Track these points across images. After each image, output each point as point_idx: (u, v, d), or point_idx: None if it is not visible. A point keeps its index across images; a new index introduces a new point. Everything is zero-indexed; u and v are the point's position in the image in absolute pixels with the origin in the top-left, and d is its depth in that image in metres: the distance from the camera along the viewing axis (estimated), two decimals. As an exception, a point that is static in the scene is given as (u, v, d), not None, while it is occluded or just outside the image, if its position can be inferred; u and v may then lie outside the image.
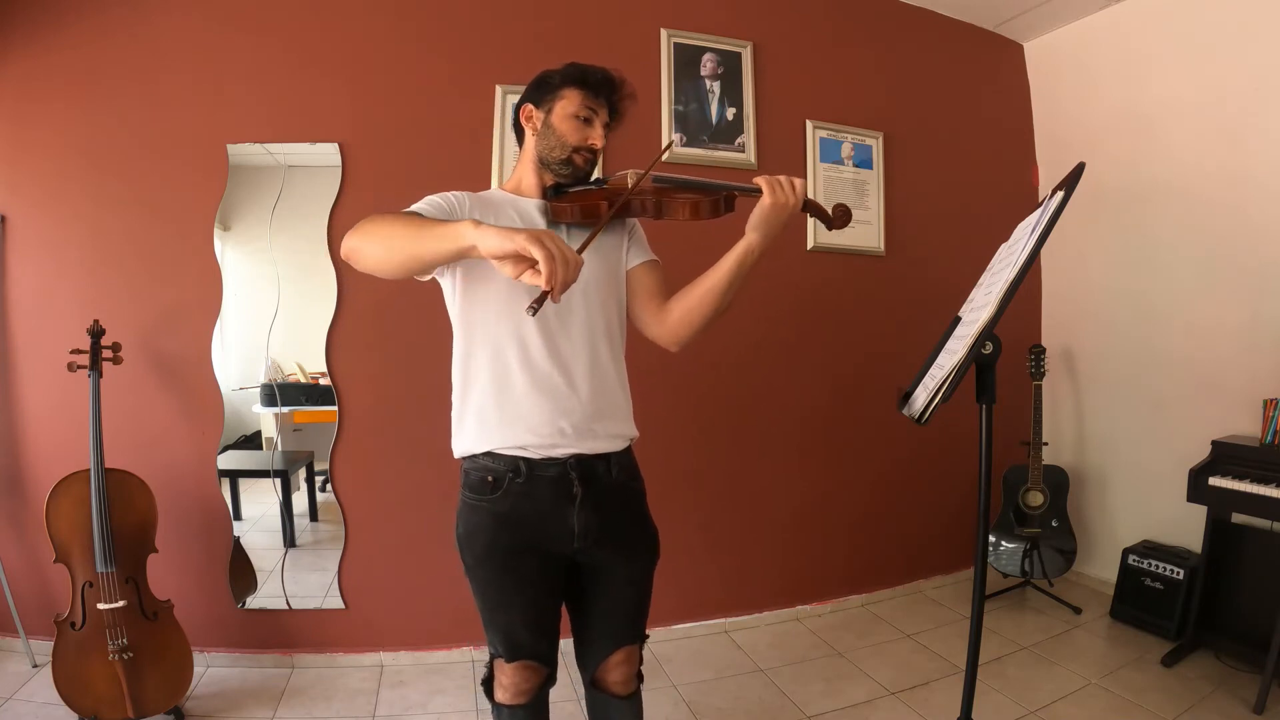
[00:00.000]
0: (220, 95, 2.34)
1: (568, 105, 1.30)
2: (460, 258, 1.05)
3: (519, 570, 1.28)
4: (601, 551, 1.31)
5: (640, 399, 1.41)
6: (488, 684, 1.39)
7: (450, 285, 1.30)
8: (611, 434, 1.31)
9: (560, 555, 1.29)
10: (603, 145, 1.33)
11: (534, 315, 0.99)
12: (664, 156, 1.28)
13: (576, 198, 1.31)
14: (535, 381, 1.25)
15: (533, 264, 0.96)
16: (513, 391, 1.25)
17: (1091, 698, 2.22)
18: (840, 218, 1.36)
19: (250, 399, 2.48)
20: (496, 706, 1.37)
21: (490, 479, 1.26)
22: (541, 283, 0.95)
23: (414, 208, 1.21)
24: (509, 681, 1.33)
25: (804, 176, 2.87)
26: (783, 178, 1.28)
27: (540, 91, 1.34)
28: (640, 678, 1.43)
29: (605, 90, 1.32)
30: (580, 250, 1.03)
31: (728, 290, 1.30)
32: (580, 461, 1.27)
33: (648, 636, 1.43)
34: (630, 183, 1.29)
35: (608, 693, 1.40)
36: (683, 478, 2.72)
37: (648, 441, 2.53)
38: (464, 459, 1.32)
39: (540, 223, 1.31)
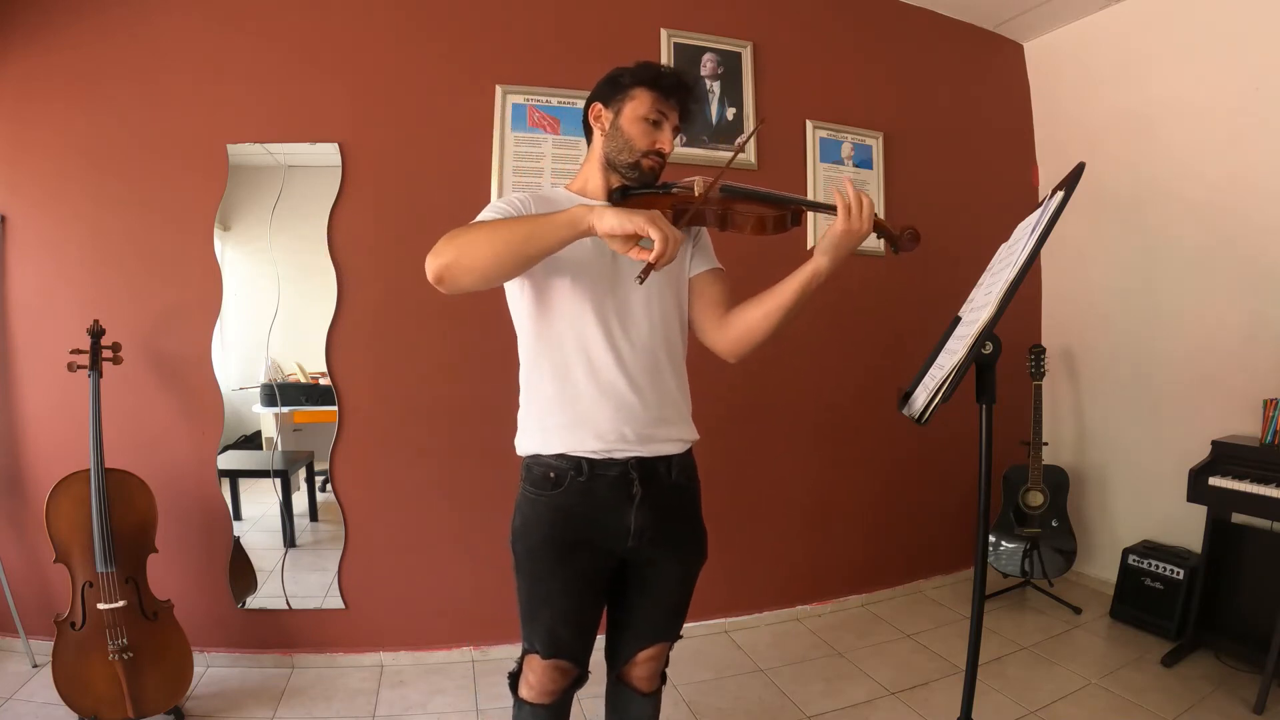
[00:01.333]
0: (220, 95, 2.34)
1: (638, 107, 1.28)
2: (576, 239, 1.10)
3: (571, 565, 1.28)
4: (654, 550, 1.32)
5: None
6: (514, 678, 1.39)
7: (518, 291, 1.30)
8: (672, 438, 1.33)
9: (613, 553, 1.30)
10: (672, 150, 1.32)
11: (641, 284, 1.10)
12: (727, 165, 1.27)
13: (642, 202, 1.29)
14: (600, 388, 1.25)
15: (638, 240, 1.06)
16: (578, 398, 1.26)
17: (1091, 698, 2.22)
18: (909, 241, 1.33)
19: (250, 399, 2.48)
20: (519, 702, 1.37)
21: (552, 475, 1.27)
22: (650, 258, 1.05)
23: (481, 218, 1.21)
24: (536, 680, 1.34)
25: (804, 177, 2.88)
26: (865, 200, 1.23)
27: (611, 90, 1.32)
28: (664, 676, 1.44)
29: (678, 93, 1.30)
30: (680, 226, 1.12)
31: (792, 311, 1.29)
32: (641, 462, 1.28)
33: (681, 636, 1.43)
34: (697, 191, 1.28)
35: (631, 688, 1.41)
36: (683, 478, 2.72)
37: (648, 441, 2.54)
38: (527, 457, 1.33)
39: None
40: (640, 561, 1.33)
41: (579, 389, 1.26)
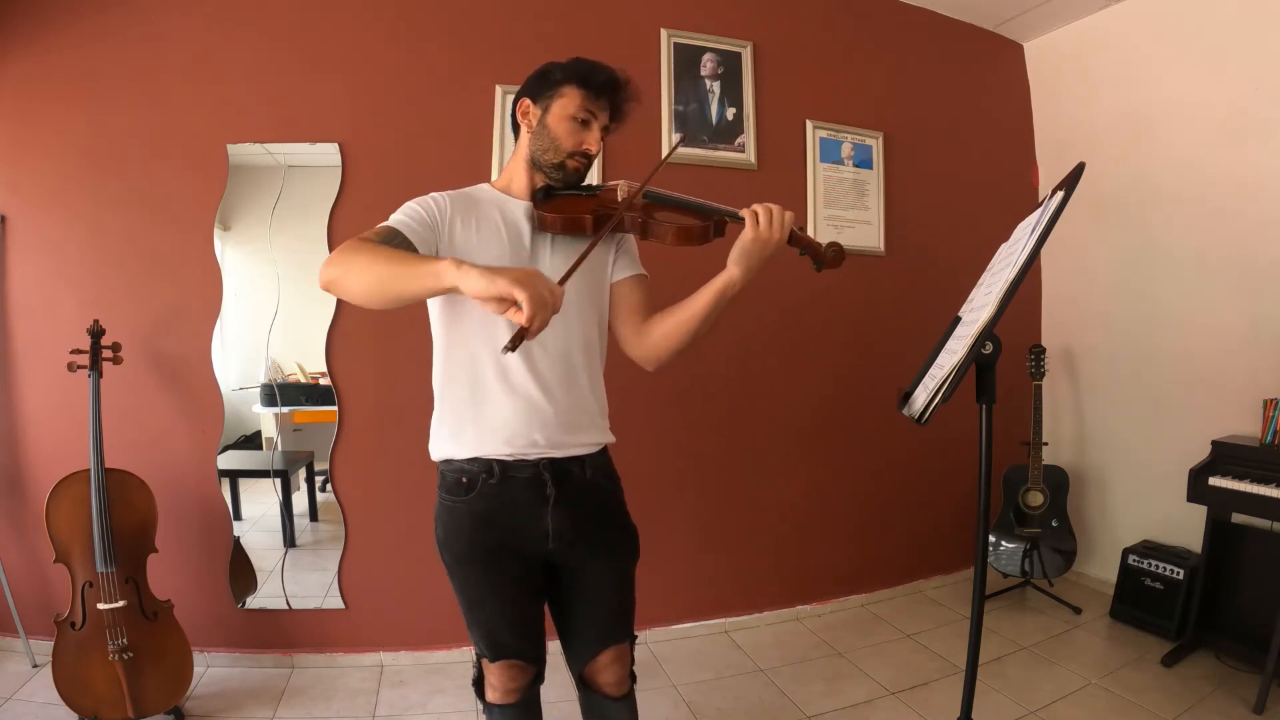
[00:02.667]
0: (220, 95, 2.34)
1: (567, 105, 1.26)
2: (443, 294, 1.04)
3: (498, 570, 1.27)
4: (577, 551, 1.30)
5: (641, 399, 1.42)
6: (478, 684, 1.39)
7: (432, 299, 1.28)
8: (583, 443, 1.30)
9: (535, 555, 1.29)
10: (599, 150, 1.30)
11: (511, 352, 0.98)
12: (653, 173, 1.24)
13: (565, 206, 1.27)
14: (510, 394, 1.24)
15: (514, 302, 0.95)
16: (489, 403, 1.24)
17: (1091, 698, 2.22)
18: (832, 258, 1.30)
19: (250, 399, 2.48)
20: (488, 706, 1.37)
21: (464, 480, 1.26)
22: (523, 321, 0.95)
23: (392, 220, 1.20)
24: (496, 681, 1.34)
25: (804, 177, 2.88)
26: (774, 208, 1.23)
27: (540, 86, 1.30)
28: (633, 678, 1.42)
29: (608, 91, 1.27)
30: (565, 278, 1.03)
31: (706, 320, 1.28)
32: (553, 463, 1.26)
33: (635, 637, 1.42)
34: (621, 197, 1.26)
35: (601, 694, 1.39)
36: (683, 478, 2.72)
37: (647, 441, 2.55)
38: (440, 462, 1.32)
39: (525, 228, 1.29)
40: (567, 564, 1.32)
41: (490, 393, 1.24)
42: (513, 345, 0.97)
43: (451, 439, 1.27)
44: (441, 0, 2.48)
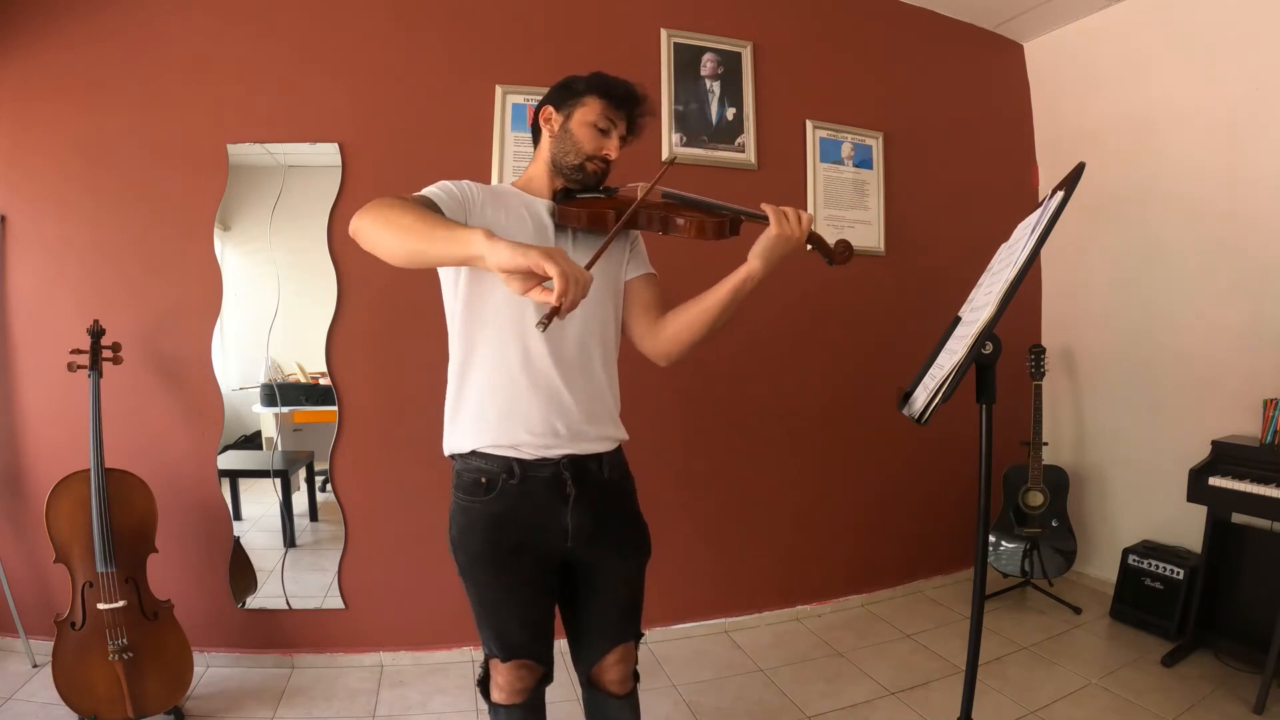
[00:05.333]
0: (220, 95, 2.34)
1: (588, 113, 1.32)
2: (467, 264, 1.06)
3: (513, 570, 1.28)
4: (594, 550, 1.32)
5: (641, 399, 1.42)
6: (484, 684, 1.39)
7: (453, 282, 1.29)
8: (602, 436, 1.32)
9: (553, 554, 1.30)
10: (616, 157, 1.35)
11: (543, 331, 0.97)
12: (665, 169, 1.28)
13: (585, 205, 1.31)
14: (533, 382, 1.25)
15: (540, 281, 0.96)
16: (512, 391, 1.25)
17: (1091, 698, 2.22)
18: (841, 254, 1.39)
19: (250, 399, 2.48)
20: (493, 706, 1.38)
21: (484, 480, 1.26)
22: (553, 300, 0.94)
23: (426, 192, 1.21)
24: (504, 681, 1.34)
25: (804, 176, 2.88)
26: (790, 210, 1.30)
27: (563, 95, 1.35)
28: (636, 676, 1.43)
29: (627, 104, 1.33)
30: (589, 266, 1.03)
31: (723, 314, 1.33)
32: (573, 461, 1.28)
33: (643, 635, 1.43)
34: (639, 195, 1.29)
35: (605, 692, 1.40)
36: (683, 477, 2.72)
37: (647, 441, 2.54)
38: (456, 459, 1.32)
39: (548, 222, 1.32)
40: (583, 562, 1.34)
41: (514, 382, 1.25)
42: (545, 323, 0.96)
43: (470, 430, 1.28)
44: (442, 1, 2.48)
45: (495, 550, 1.27)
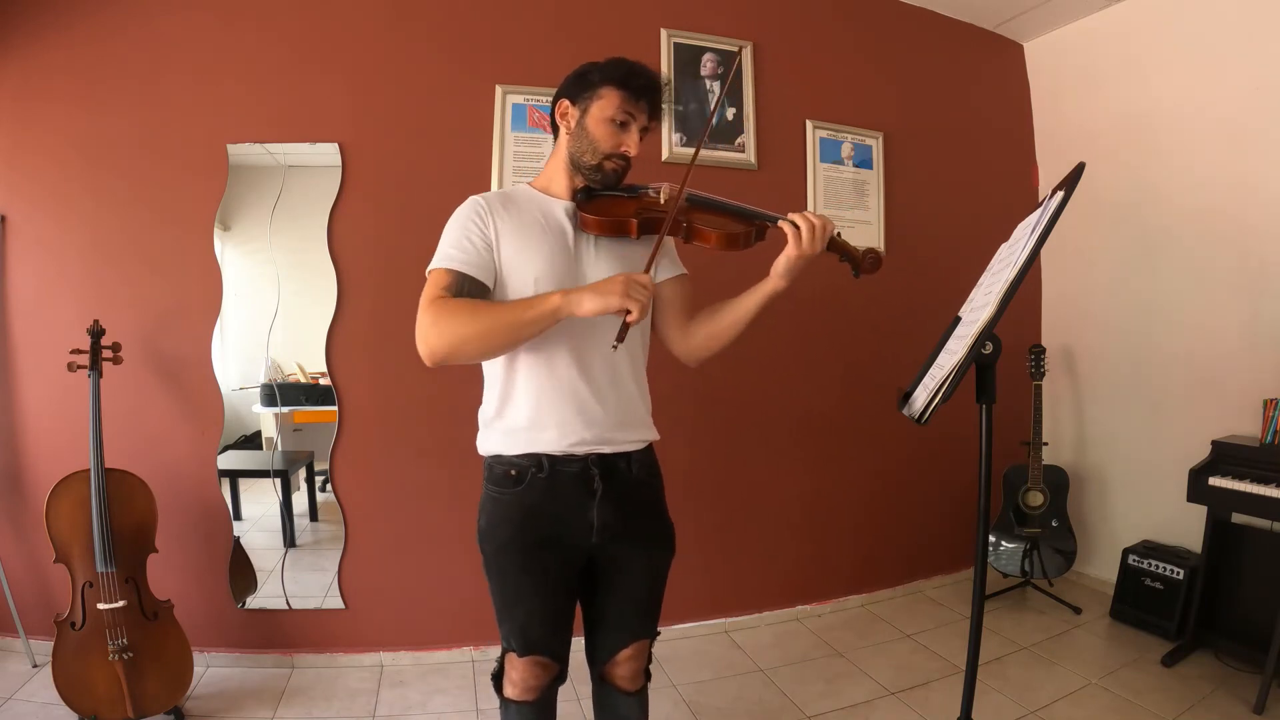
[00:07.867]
0: (220, 95, 2.33)
1: (605, 107, 1.26)
2: (558, 322, 1.16)
3: (539, 563, 1.29)
4: (620, 546, 1.32)
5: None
6: (498, 679, 1.39)
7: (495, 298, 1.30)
8: (631, 439, 1.33)
9: (579, 549, 1.31)
10: (636, 153, 1.30)
11: (617, 348, 1.16)
12: (690, 169, 1.26)
13: (606, 207, 1.29)
14: (565, 393, 1.27)
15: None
16: (546, 401, 1.27)
17: (1091, 698, 2.22)
18: (870, 264, 1.32)
19: (250, 399, 2.48)
20: (505, 702, 1.38)
21: (513, 472, 1.28)
22: (630, 320, 1.13)
23: (448, 262, 1.22)
24: (519, 677, 1.34)
25: (804, 177, 2.88)
26: (815, 221, 1.24)
27: (579, 87, 1.29)
28: (648, 675, 1.44)
29: (648, 94, 1.27)
30: (647, 269, 1.19)
31: (750, 324, 1.35)
32: (601, 458, 1.29)
33: (659, 633, 1.43)
34: (663, 199, 1.29)
35: (615, 687, 1.40)
36: (682, 477, 2.71)
37: (648, 441, 2.54)
38: (488, 457, 1.34)
39: (568, 227, 1.31)
40: (607, 558, 1.34)
41: (547, 391, 1.27)
42: (621, 338, 1.15)
43: (506, 437, 1.30)
44: (441, 1, 2.48)
45: (523, 541, 1.28)
